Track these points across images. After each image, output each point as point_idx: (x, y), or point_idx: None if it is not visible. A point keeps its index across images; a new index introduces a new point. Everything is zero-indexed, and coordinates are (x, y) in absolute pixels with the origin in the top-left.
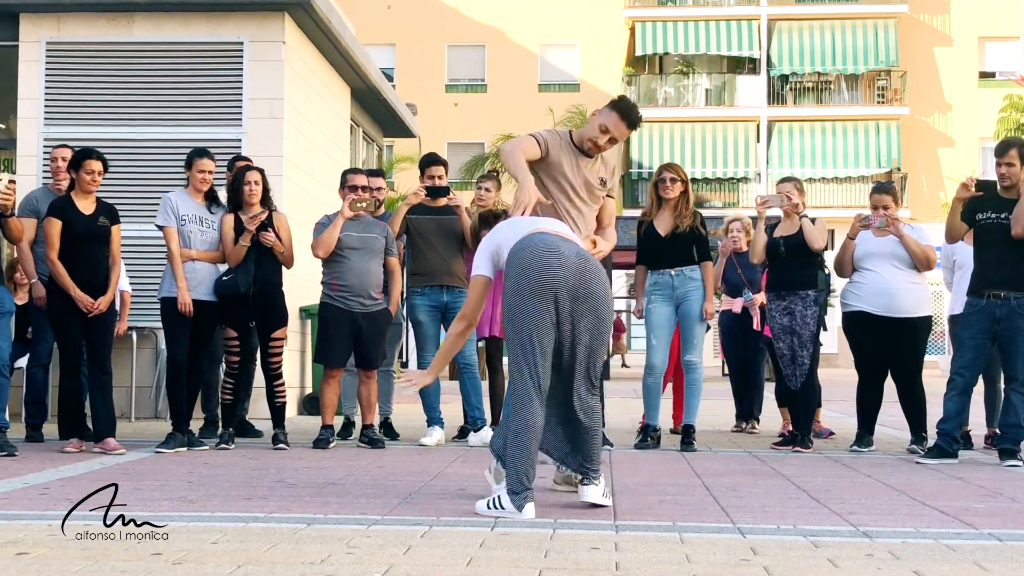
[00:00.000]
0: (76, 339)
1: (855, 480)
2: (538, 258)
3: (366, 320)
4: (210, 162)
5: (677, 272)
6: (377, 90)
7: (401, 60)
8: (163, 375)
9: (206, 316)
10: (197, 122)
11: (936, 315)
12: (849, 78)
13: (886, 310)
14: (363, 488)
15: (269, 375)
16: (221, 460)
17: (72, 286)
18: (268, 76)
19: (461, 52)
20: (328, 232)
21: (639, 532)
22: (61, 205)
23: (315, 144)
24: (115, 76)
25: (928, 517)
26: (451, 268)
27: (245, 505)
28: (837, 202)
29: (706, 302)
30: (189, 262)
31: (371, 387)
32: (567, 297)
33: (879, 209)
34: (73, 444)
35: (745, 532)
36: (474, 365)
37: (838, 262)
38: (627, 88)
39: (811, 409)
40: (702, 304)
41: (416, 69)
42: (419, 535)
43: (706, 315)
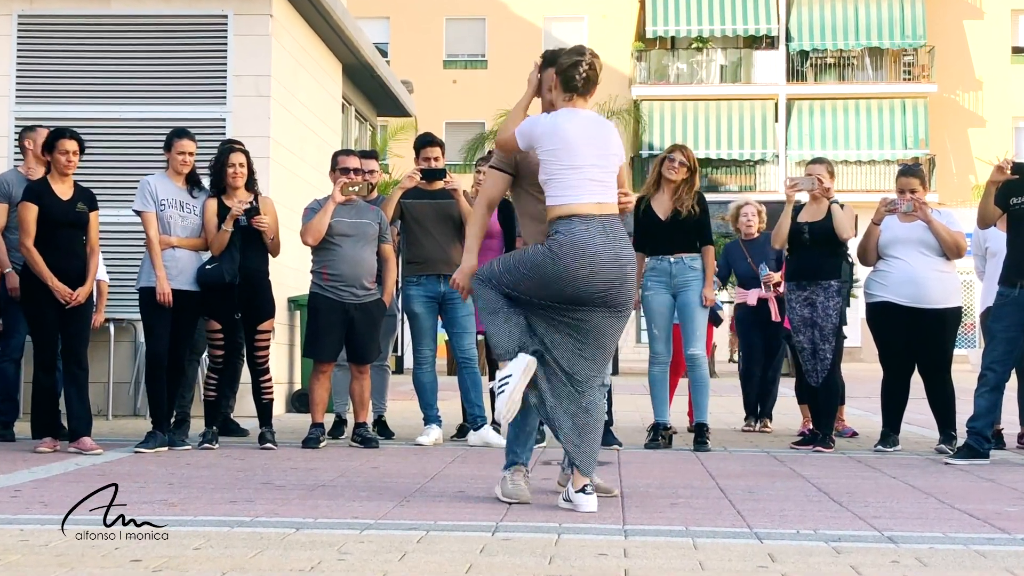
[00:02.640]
0: (51, 332)
1: (880, 482)
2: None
3: (359, 311)
4: (191, 143)
5: (676, 259)
6: (370, 66)
7: (396, 34)
8: (142, 370)
9: (188, 307)
10: (178, 101)
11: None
12: (873, 53)
13: (913, 300)
14: (356, 490)
15: (255, 370)
16: (204, 460)
17: (49, 275)
18: (254, 51)
19: (460, 26)
20: (318, 218)
21: (649, 537)
22: (38, 189)
23: (304, 124)
24: (91, 51)
25: (957, 521)
26: (448, 256)
27: (230, 508)
28: (860, 186)
29: (705, 287)
30: (169, 249)
31: (364, 383)
32: (592, 300)
33: (906, 193)
34: (47, 443)
35: (762, 537)
36: (474, 360)
37: (862, 249)
38: (637, 64)
39: (833, 406)
40: (701, 291)
41: (412, 44)
42: (415, 540)
43: (705, 301)
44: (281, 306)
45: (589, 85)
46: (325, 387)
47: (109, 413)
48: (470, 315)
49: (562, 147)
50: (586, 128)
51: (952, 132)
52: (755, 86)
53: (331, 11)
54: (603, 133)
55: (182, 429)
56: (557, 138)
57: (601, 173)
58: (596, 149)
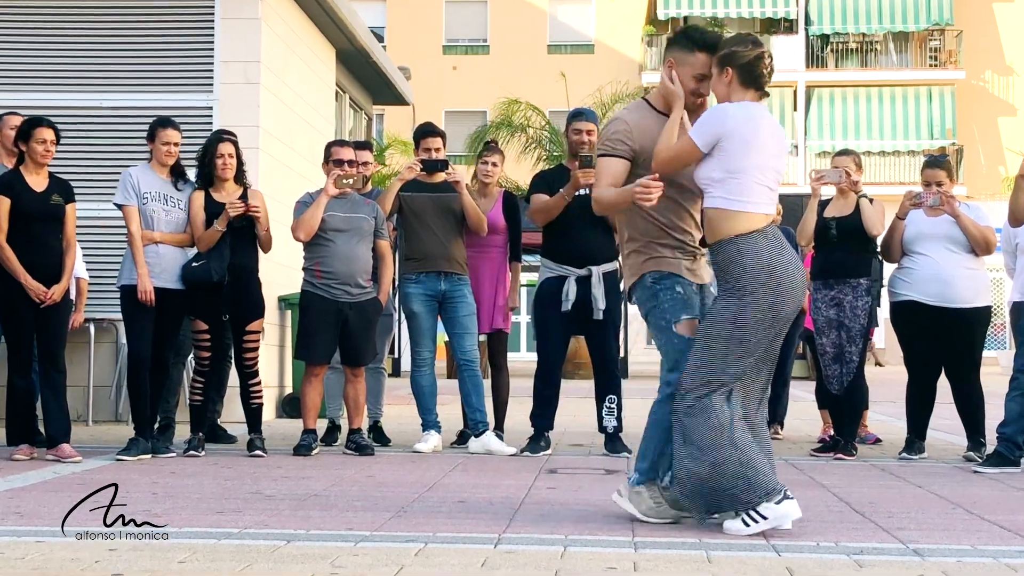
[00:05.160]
0: (26, 333)
1: (904, 491)
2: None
3: (353, 311)
4: (175, 133)
5: None
6: (366, 52)
7: (393, 18)
8: (124, 373)
9: (172, 306)
10: (162, 88)
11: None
12: (898, 38)
13: (939, 299)
14: (350, 500)
15: (244, 373)
16: (190, 469)
17: (22, 272)
18: (243, 36)
19: (460, 9)
20: (310, 212)
21: (661, 550)
22: (8, 181)
23: (296, 113)
24: (69, 36)
25: (987, 533)
26: (449, 252)
27: (217, 520)
28: (884, 178)
29: None
30: (152, 245)
31: (359, 386)
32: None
33: (932, 186)
34: (23, 451)
35: (780, 550)
36: (475, 362)
37: (885, 245)
38: (647, 50)
39: (857, 412)
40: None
41: (410, 28)
42: (413, 553)
43: None
44: (271, 305)
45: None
46: (318, 391)
47: (89, 418)
48: (471, 315)
49: (754, 143)
50: (772, 127)
51: (981, 121)
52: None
53: None
54: (781, 134)
55: (166, 435)
56: (754, 131)
57: (775, 180)
58: (777, 152)
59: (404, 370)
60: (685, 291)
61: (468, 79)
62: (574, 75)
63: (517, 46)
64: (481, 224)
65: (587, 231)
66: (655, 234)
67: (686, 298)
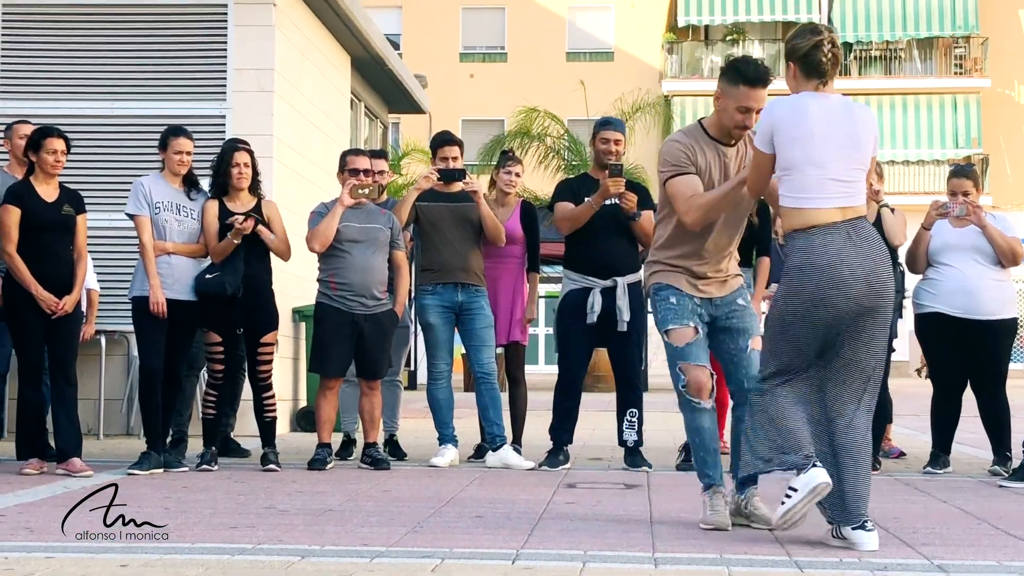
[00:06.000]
0: (37, 345)
1: (929, 506)
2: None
3: (369, 323)
4: (188, 141)
5: None
6: (381, 59)
7: (409, 25)
8: (136, 386)
9: (184, 318)
10: (174, 96)
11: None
12: (922, 45)
13: (965, 311)
14: (365, 515)
15: (257, 386)
16: (202, 483)
17: (33, 283)
18: (256, 43)
19: (477, 16)
20: (325, 223)
21: (681, 566)
22: (19, 191)
23: (310, 121)
24: (80, 43)
25: (1013, 549)
26: (467, 263)
27: (230, 535)
28: (908, 187)
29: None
30: (164, 256)
31: (374, 400)
32: (849, 317)
33: (958, 195)
34: (33, 465)
35: (803, 566)
36: (493, 375)
37: (911, 256)
38: (668, 57)
39: (880, 425)
40: None
41: (426, 35)
42: (429, 569)
43: None
44: (285, 317)
45: (836, 66)
46: (332, 404)
47: (100, 432)
48: (489, 327)
49: (805, 135)
50: (832, 115)
51: (1007, 130)
52: None
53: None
54: (854, 120)
55: (179, 449)
56: (798, 123)
57: (848, 171)
58: (845, 141)
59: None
60: (679, 301)
61: (485, 87)
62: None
63: (535, 53)
64: (499, 234)
65: (612, 241)
66: (679, 245)
67: (678, 308)
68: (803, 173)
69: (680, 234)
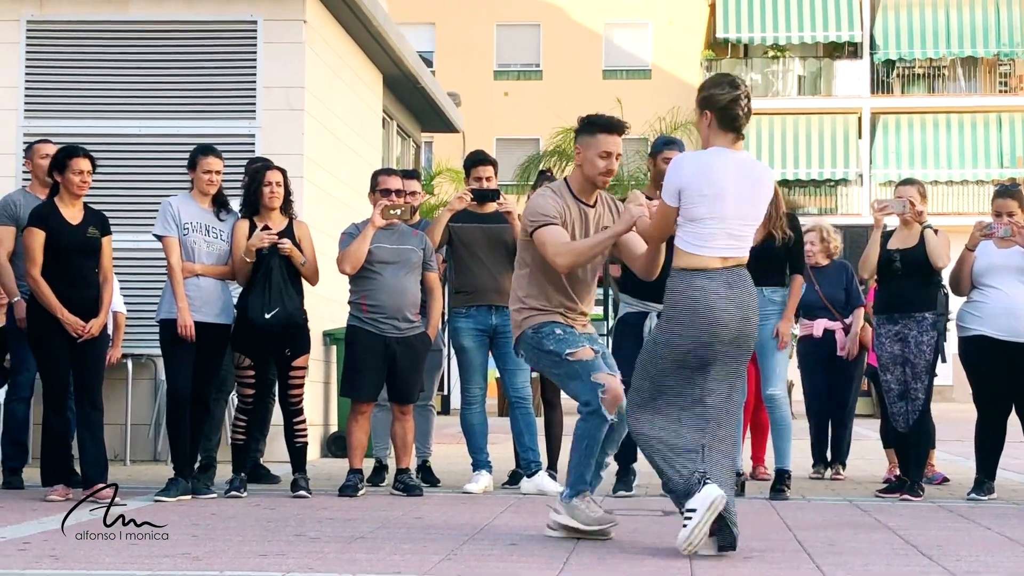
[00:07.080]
0: (63, 369)
1: (973, 533)
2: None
3: (401, 346)
4: (217, 161)
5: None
6: (414, 77)
7: (442, 42)
8: (163, 410)
9: (213, 341)
10: (203, 114)
11: None
12: (966, 63)
13: (1011, 334)
14: (397, 543)
15: (288, 411)
16: (231, 510)
17: (59, 307)
18: (286, 61)
19: (512, 32)
20: (356, 244)
21: None
22: (43, 213)
23: (341, 140)
24: (107, 61)
25: None
26: (500, 285)
27: (259, 563)
28: (952, 208)
29: (782, 321)
30: (193, 278)
31: (407, 425)
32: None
33: (1003, 216)
34: (58, 491)
35: None
36: (527, 399)
37: (954, 278)
38: (706, 74)
39: (923, 451)
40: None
41: (459, 53)
42: None
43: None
44: (316, 340)
45: (748, 120)
46: (364, 429)
47: (127, 458)
48: None
49: (714, 194)
50: (738, 174)
51: None
52: (836, 99)
53: (371, 16)
54: (756, 180)
55: (207, 475)
56: (709, 182)
57: (743, 226)
58: (746, 198)
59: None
60: (565, 331)
61: (520, 105)
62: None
63: (571, 71)
64: None
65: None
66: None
67: (567, 335)
68: (704, 225)
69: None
